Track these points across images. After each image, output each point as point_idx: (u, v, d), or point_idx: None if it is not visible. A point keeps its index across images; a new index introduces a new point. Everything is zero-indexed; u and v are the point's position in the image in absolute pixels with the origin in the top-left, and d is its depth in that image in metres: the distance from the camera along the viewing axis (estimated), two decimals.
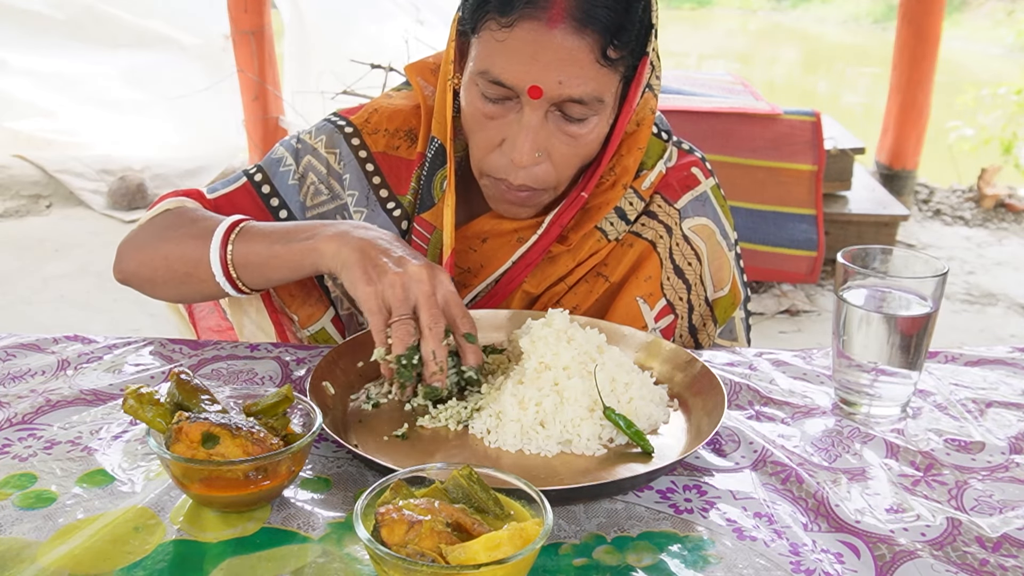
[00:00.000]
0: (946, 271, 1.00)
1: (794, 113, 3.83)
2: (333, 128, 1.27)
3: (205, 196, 1.25)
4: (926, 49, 4.79)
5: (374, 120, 1.26)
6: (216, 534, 0.79)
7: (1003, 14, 13.03)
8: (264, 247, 1.08)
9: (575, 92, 1.03)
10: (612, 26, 1.02)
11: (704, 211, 1.27)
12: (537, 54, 1.01)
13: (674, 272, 1.24)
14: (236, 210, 1.22)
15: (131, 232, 1.23)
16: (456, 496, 0.73)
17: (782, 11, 17.52)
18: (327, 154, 1.25)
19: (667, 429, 0.98)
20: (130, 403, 0.83)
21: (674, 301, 1.24)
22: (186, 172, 5.04)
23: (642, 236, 1.23)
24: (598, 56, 1.02)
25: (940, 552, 0.80)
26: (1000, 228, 4.94)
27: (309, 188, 1.25)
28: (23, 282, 3.88)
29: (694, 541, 0.80)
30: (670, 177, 1.26)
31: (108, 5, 5.46)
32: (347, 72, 4.54)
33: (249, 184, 1.25)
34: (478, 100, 1.08)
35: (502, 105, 1.07)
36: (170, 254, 1.14)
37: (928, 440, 0.98)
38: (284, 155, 1.27)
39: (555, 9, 1.00)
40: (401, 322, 0.97)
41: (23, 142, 5.25)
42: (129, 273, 1.20)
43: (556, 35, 1.00)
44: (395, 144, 1.25)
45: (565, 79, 1.02)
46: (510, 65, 1.02)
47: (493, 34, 1.03)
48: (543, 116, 1.06)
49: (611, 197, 1.20)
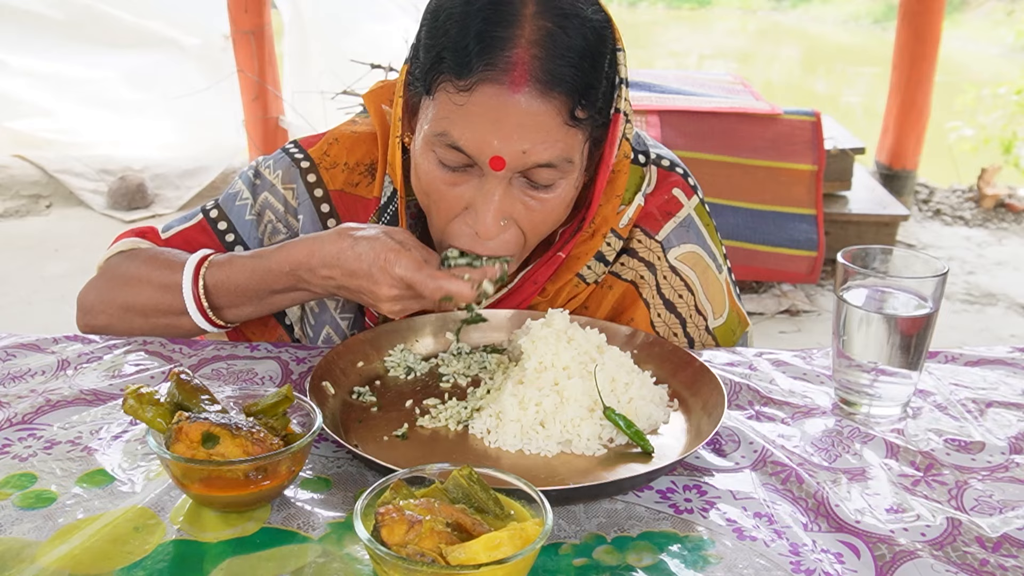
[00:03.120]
0: (946, 271, 1.00)
1: (794, 113, 3.83)
2: (290, 162, 1.22)
3: (159, 235, 1.23)
4: (926, 49, 4.80)
5: (333, 153, 1.21)
6: (216, 534, 0.79)
7: (1003, 14, 13.03)
8: (252, 307, 1.12)
9: (542, 158, 0.97)
10: (580, 86, 0.96)
11: (689, 237, 1.21)
12: (500, 120, 0.94)
13: (665, 307, 1.19)
14: (191, 248, 1.19)
15: (90, 282, 1.22)
16: (456, 496, 0.73)
17: (782, 11, 17.52)
18: (284, 190, 1.21)
19: (667, 429, 0.98)
20: (130, 403, 0.83)
21: (668, 337, 1.20)
22: (186, 172, 5.04)
23: (622, 277, 1.19)
24: (566, 118, 0.96)
25: (940, 552, 0.80)
26: (1000, 228, 4.94)
27: (267, 226, 1.22)
28: (23, 282, 3.88)
29: (694, 541, 0.80)
30: (650, 205, 1.20)
31: (108, 5, 5.46)
32: (347, 72, 4.55)
33: (205, 221, 1.23)
34: (436, 168, 1.01)
35: (463, 172, 1.00)
36: (146, 307, 1.15)
37: (928, 440, 0.98)
38: (241, 189, 1.23)
39: (517, 71, 0.93)
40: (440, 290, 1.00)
41: (23, 142, 5.25)
42: (100, 327, 1.19)
43: (520, 100, 0.94)
44: (354, 180, 1.20)
45: (530, 147, 0.96)
46: (470, 132, 0.96)
47: (451, 96, 0.96)
48: (507, 183, 1.00)
49: (591, 246, 1.16)
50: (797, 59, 13.62)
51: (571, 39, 0.95)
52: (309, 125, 4.75)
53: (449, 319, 1.15)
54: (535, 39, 0.94)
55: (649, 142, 1.25)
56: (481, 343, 1.15)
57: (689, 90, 4.15)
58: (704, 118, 3.78)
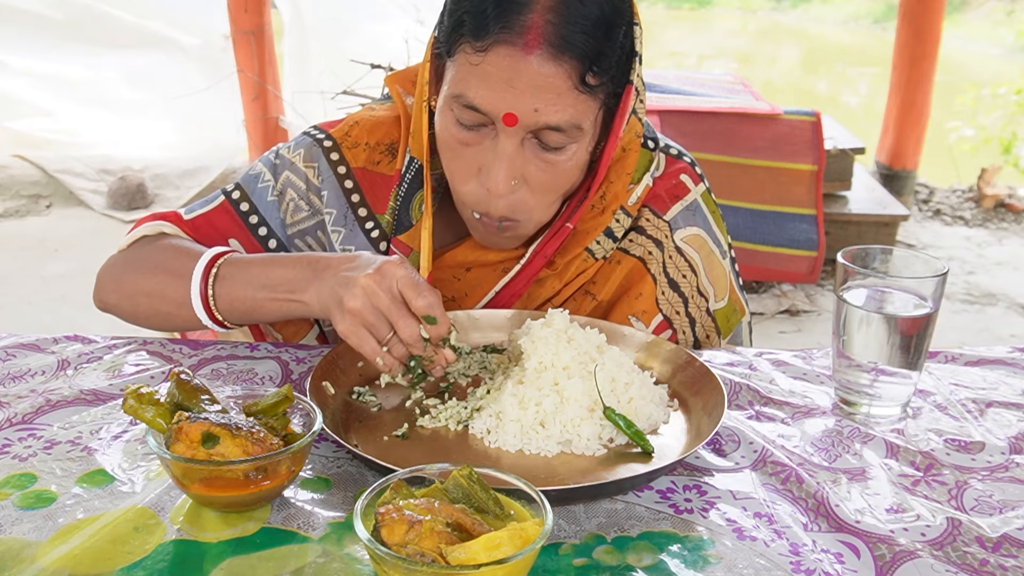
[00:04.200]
0: (946, 271, 1.00)
1: (794, 113, 3.83)
2: (312, 141, 1.24)
3: (182, 218, 1.22)
4: (926, 49, 4.79)
5: (354, 133, 1.23)
6: (216, 534, 0.79)
7: (1003, 14, 13.03)
8: (249, 293, 1.06)
9: (552, 119, 1.00)
10: (591, 52, 0.99)
11: (695, 220, 1.24)
12: (512, 80, 0.98)
13: (669, 286, 1.21)
14: (215, 231, 1.20)
15: (109, 260, 1.21)
16: (456, 496, 0.73)
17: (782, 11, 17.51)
18: (306, 168, 1.22)
19: (667, 429, 0.98)
20: (130, 403, 0.83)
21: (671, 316, 1.21)
22: (186, 172, 5.04)
23: (630, 253, 1.21)
24: (576, 83, 0.99)
25: (940, 552, 0.80)
26: (1000, 228, 4.94)
27: (289, 205, 1.22)
28: (23, 282, 3.88)
29: (694, 541, 0.80)
30: (658, 188, 1.23)
31: (107, 5, 5.45)
32: (347, 72, 4.54)
33: (227, 203, 1.23)
34: (452, 126, 1.05)
35: (477, 132, 1.04)
36: (152, 292, 1.13)
37: (928, 440, 0.98)
38: (262, 171, 1.24)
39: (531, 34, 0.97)
40: (390, 347, 0.98)
41: (23, 142, 5.25)
42: (111, 304, 1.19)
43: (532, 61, 0.97)
44: (375, 159, 1.22)
45: (541, 107, 0.99)
46: (484, 90, 1.00)
47: (468, 57, 1.00)
48: (519, 143, 1.03)
49: (601, 222, 1.18)
50: (797, 59, 13.62)
51: (586, 7, 0.99)
52: (309, 125, 4.74)
53: None
54: (550, 5, 0.98)
55: (657, 133, 1.27)
56: (481, 343, 1.15)
57: (689, 90, 4.15)
58: (704, 118, 3.78)
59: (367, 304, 0.96)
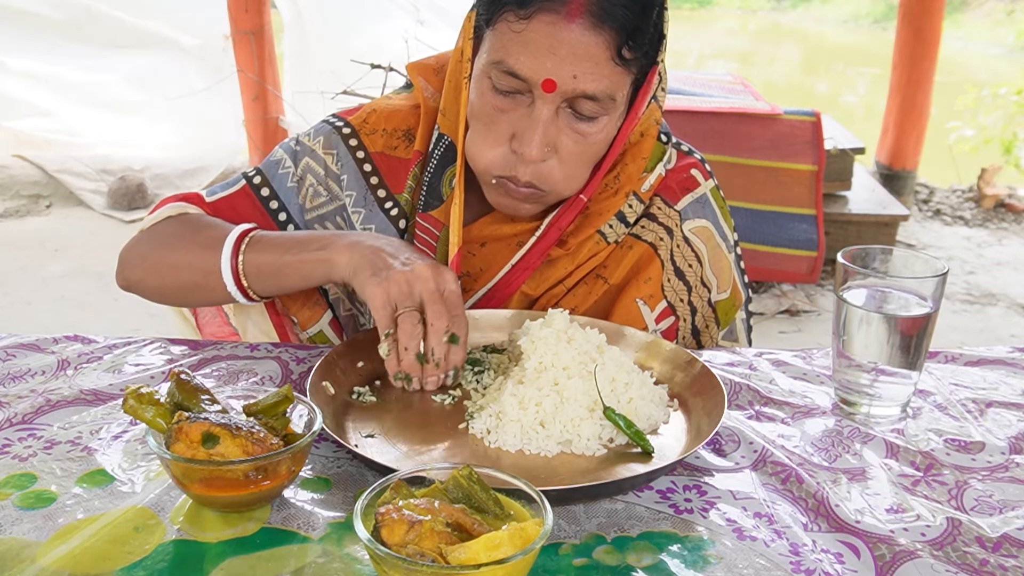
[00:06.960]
0: (946, 271, 1.00)
1: (794, 113, 3.83)
2: (331, 129, 1.27)
3: (204, 200, 1.25)
4: (926, 49, 4.79)
5: (372, 120, 1.26)
6: (216, 534, 0.79)
7: (1003, 14, 13.03)
8: (276, 257, 1.10)
9: (589, 88, 1.03)
10: (629, 26, 1.02)
11: (704, 213, 1.27)
12: (553, 47, 1.01)
13: (675, 274, 1.24)
14: (236, 213, 1.23)
15: (133, 239, 1.24)
16: (456, 496, 0.73)
17: (782, 11, 17.51)
18: (325, 155, 1.25)
19: (667, 429, 0.98)
20: (130, 403, 0.83)
21: (675, 303, 1.23)
22: (186, 172, 5.04)
23: (642, 238, 1.23)
24: (613, 54, 1.02)
25: (940, 552, 0.80)
26: (1000, 228, 4.94)
27: (308, 190, 1.25)
28: (23, 282, 3.88)
29: (694, 541, 0.80)
30: (669, 179, 1.26)
31: (107, 6, 5.45)
32: (347, 72, 4.53)
33: (248, 187, 1.26)
34: (489, 92, 1.07)
35: (513, 99, 1.06)
36: (179, 263, 1.16)
37: (928, 440, 0.98)
38: (283, 157, 1.27)
39: (574, 4, 1.00)
40: (407, 313, 0.99)
41: (23, 142, 5.25)
42: (135, 281, 1.21)
43: (574, 29, 1.01)
44: (393, 144, 1.25)
45: (580, 74, 1.02)
46: (525, 56, 1.02)
47: (510, 25, 1.03)
48: (554, 111, 1.05)
49: (614, 204, 1.20)
50: (797, 59, 13.61)
51: None
52: (309, 125, 4.74)
53: None
54: None
55: (669, 130, 1.30)
56: (481, 343, 1.15)
57: (689, 90, 4.15)
58: (704, 118, 3.78)
59: (411, 280, 1.00)
